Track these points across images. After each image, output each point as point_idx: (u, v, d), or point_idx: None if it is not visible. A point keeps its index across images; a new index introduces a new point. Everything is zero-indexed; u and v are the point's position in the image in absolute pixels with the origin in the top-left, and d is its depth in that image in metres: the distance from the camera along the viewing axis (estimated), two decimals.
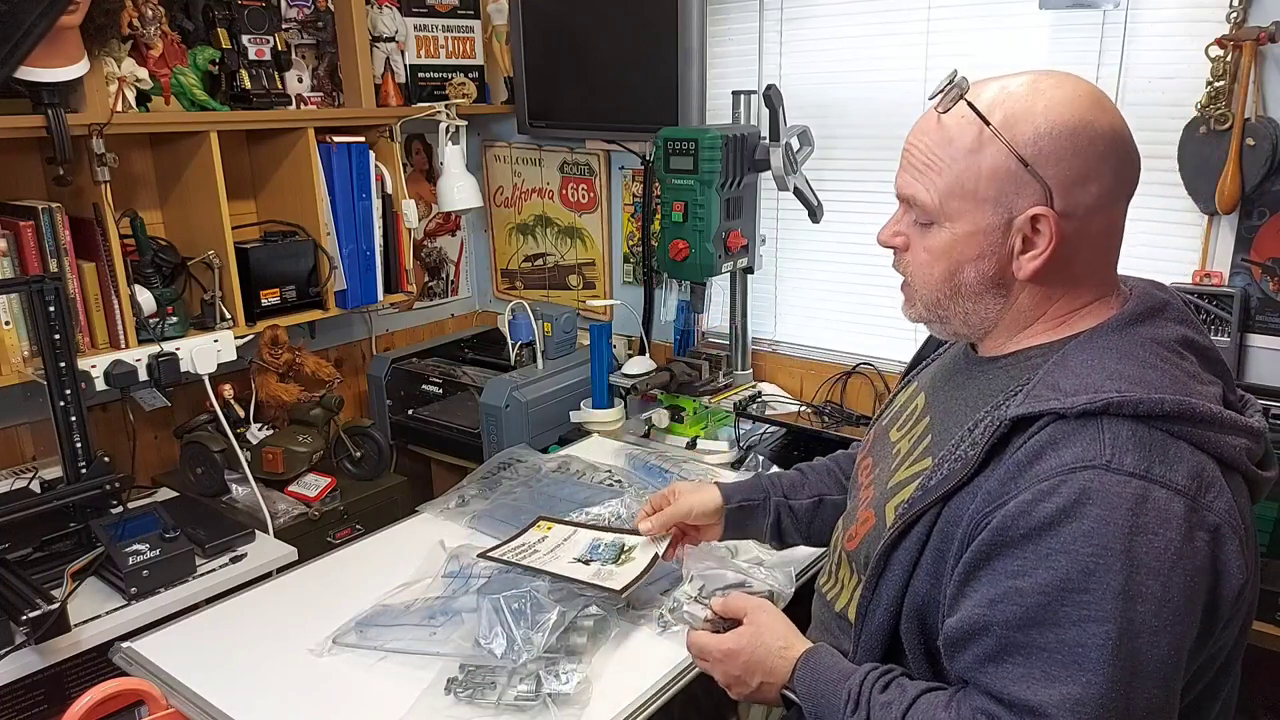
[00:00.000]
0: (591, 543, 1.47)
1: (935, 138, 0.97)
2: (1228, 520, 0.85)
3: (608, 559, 1.42)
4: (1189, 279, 1.83)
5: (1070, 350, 0.96)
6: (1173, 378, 0.90)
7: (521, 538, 1.53)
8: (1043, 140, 0.91)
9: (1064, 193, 0.92)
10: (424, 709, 1.22)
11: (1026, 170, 0.92)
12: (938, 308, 1.04)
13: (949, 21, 2.03)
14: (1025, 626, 0.85)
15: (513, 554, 1.46)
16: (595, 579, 1.36)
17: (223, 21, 2.16)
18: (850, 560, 1.13)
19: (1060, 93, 0.93)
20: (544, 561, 1.42)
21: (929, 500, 0.96)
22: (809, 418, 2.28)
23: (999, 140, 0.93)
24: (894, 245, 1.08)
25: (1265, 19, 1.66)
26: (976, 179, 0.95)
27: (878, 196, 2.22)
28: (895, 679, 1.00)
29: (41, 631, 1.48)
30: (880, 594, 1.01)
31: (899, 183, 1.03)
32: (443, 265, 2.98)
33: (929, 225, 1.00)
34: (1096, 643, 0.81)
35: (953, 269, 1.00)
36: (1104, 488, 0.83)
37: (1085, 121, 0.92)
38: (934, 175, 0.97)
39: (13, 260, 1.86)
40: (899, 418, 1.19)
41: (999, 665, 0.86)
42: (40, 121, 1.82)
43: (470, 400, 2.54)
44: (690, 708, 1.47)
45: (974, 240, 0.97)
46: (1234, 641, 0.95)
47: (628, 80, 2.38)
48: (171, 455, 2.33)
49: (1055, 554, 0.83)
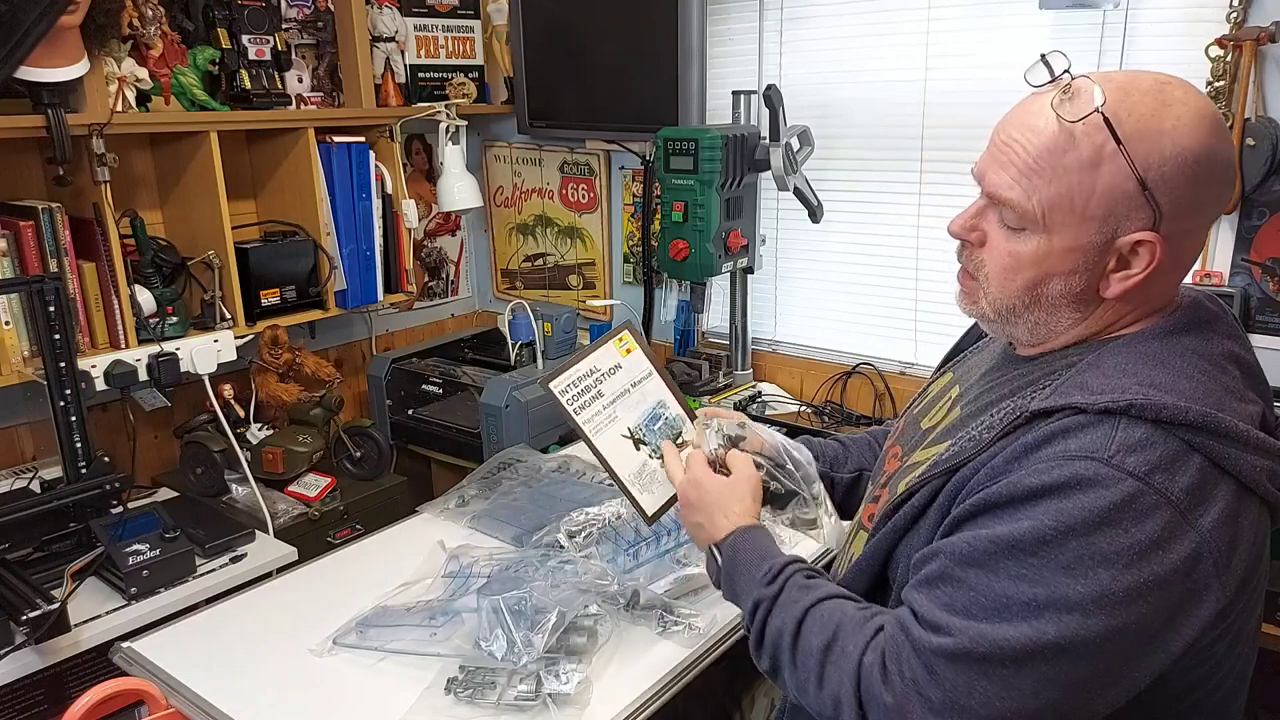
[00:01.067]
0: (654, 409, 1.33)
1: (1047, 140, 0.89)
2: (1209, 539, 0.82)
3: (658, 447, 1.30)
4: (1189, 279, 1.83)
5: (1106, 353, 0.93)
6: (1207, 390, 0.87)
7: (600, 353, 1.33)
8: (1167, 165, 0.85)
9: (1173, 219, 0.88)
10: (424, 709, 1.22)
11: (1144, 194, 0.86)
12: (1010, 313, 0.97)
13: (949, 21, 2.03)
14: (965, 563, 0.86)
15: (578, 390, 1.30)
16: (636, 483, 1.27)
17: (223, 21, 2.16)
18: (868, 536, 1.12)
19: (1188, 111, 0.87)
20: (603, 418, 1.29)
21: (936, 471, 0.96)
22: (809, 418, 2.28)
23: (1123, 159, 0.86)
24: (969, 239, 0.99)
25: (1265, 19, 1.66)
26: (1089, 195, 0.88)
27: (878, 196, 2.22)
28: (820, 578, 1.02)
29: (41, 631, 1.48)
30: (876, 546, 1.02)
31: (990, 179, 0.94)
32: (443, 265, 2.98)
33: (1019, 230, 0.93)
34: (1021, 599, 0.82)
35: (1039, 279, 0.93)
36: (1097, 479, 0.82)
37: (1209, 150, 0.87)
38: (1039, 181, 0.89)
39: (13, 260, 1.86)
40: (930, 408, 1.17)
41: (930, 589, 0.88)
42: (40, 121, 1.82)
43: (470, 400, 2.54)
44: (695, 704, 1.46)
45: (1069, 256, 0.91)
46: (1232, 670, 0.93)
47: (628, 80, 2.38)
48: (171, 455, 2.33)
49: (1023, 517, 0.83)
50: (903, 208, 2.20)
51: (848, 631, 0.93)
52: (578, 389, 1.31)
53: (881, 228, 2.25)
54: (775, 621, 0.99)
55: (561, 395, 1.29)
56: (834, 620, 0.95)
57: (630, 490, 1.27)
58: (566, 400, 1.29)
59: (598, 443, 1.28)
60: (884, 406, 2.27)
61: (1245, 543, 0.86)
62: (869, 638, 0.92)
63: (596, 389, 1.32)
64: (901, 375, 2.27)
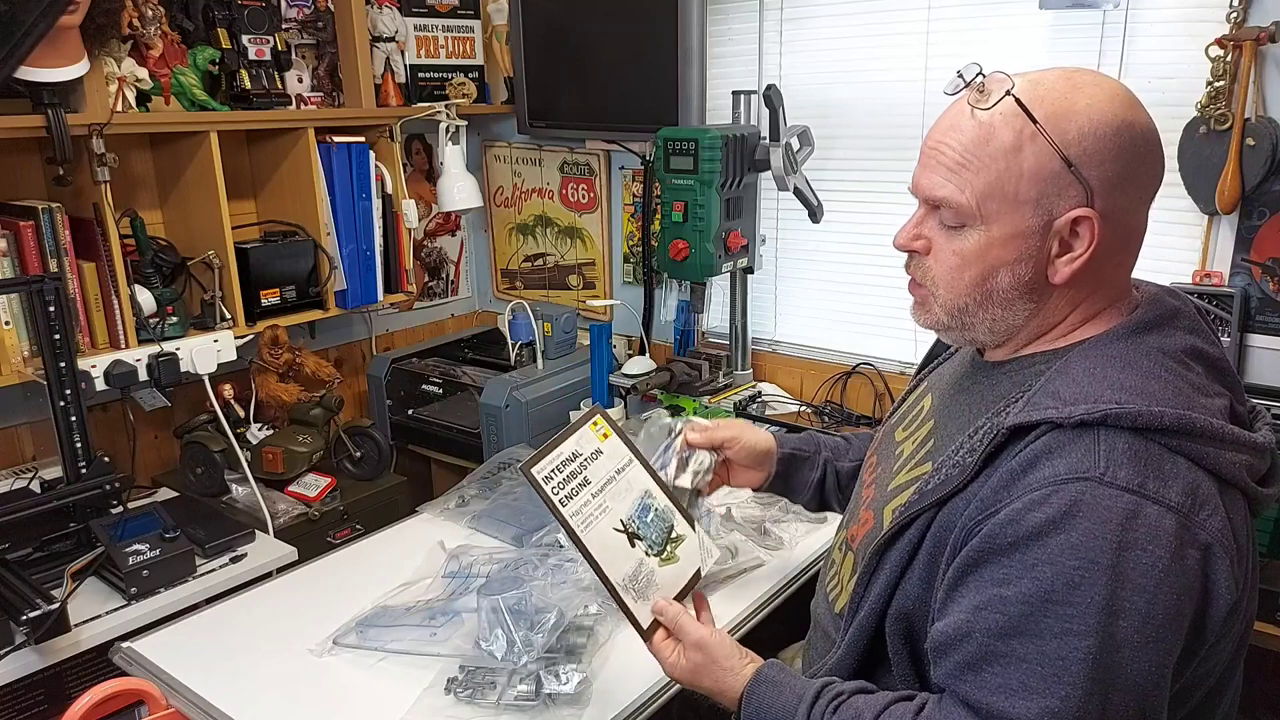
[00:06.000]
0: (642, 501, 1.20)
1: (970, 135, 0.92)
2: (1219, 539, 0.83)
3: (654, 543, 1.18)
4: (1189, 279, 1.83)
5: (1073, 357, 0.94)
6: (1176, 389, 0.88)
7: (575, 440, 1.19)
8: (1087, 140, 0.88)
9: (1105, 194, 0.90)
10: (424, 709, 1.22)
11: (1070, 171, 0.89)
12: (963, 314, 0.98)
13: (949, 21, 2.03)
14: (1006, 635, 0.84)
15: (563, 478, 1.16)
16: (630, 591, 1.12)
17: (223, 21, 2.16)
18: (854, 559, 1.12)
19: (1099, 91, 0.90)
20: (591, 514, 1.15)
21: (924, 504, 0.95)
22: (809, 418, 2.28)
23: (1043, 139, 0.89)
24: (914, 249, 1.01)
25: (1265, 19, 1.66)
26: (1018, 179, 0.90)
27: (878, 196, 2.22)
28: (845, 701, 0.96)
29: (41, 631, 1.48)
30: (870, 591, 1.00)
31: (923, 183, 0.98)
32: (443, 265, 2.98)
33: (959, 228, 0.95)
34: (1077, 656, 0.80)
35: (986, 273, 0.95)
36: (1095, 501, 0.82)
37: (1126, 121, 0.89)
38: (969, 175, 0.92)
39: (13, 260, 1.86)
40: (906, 417, 1.18)
41: (978, 674, 0.85)
42: (40, 121, 1.82)
43: (470, 400, 2.54)
44: (689, 709, 1.46)
45: (1011, 244, 0.93)
46: (1228, 662, 0.93)
47: (628, 80, 2.38)
48: (171, 455, 2.33)
49: (1041, 564, 0.82)
50: (903, 208, 2.15)
51: None
52: (561, 475, 1.14)
53: (882, 228, 2.24)
54: None
55: (545, 483, 1.12)
56: None
57: (624, 600, 1.11)
58: (551, 489, 1.11)
59: (587, 540, 1.11)
60: (884, 406, 2.27)
61: (1243, 535, 0.87)
62: None
63: (582, 475, 1.17)
64: (901, 375, 2.27)
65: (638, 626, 1.11)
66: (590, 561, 1.10)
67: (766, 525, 1.68)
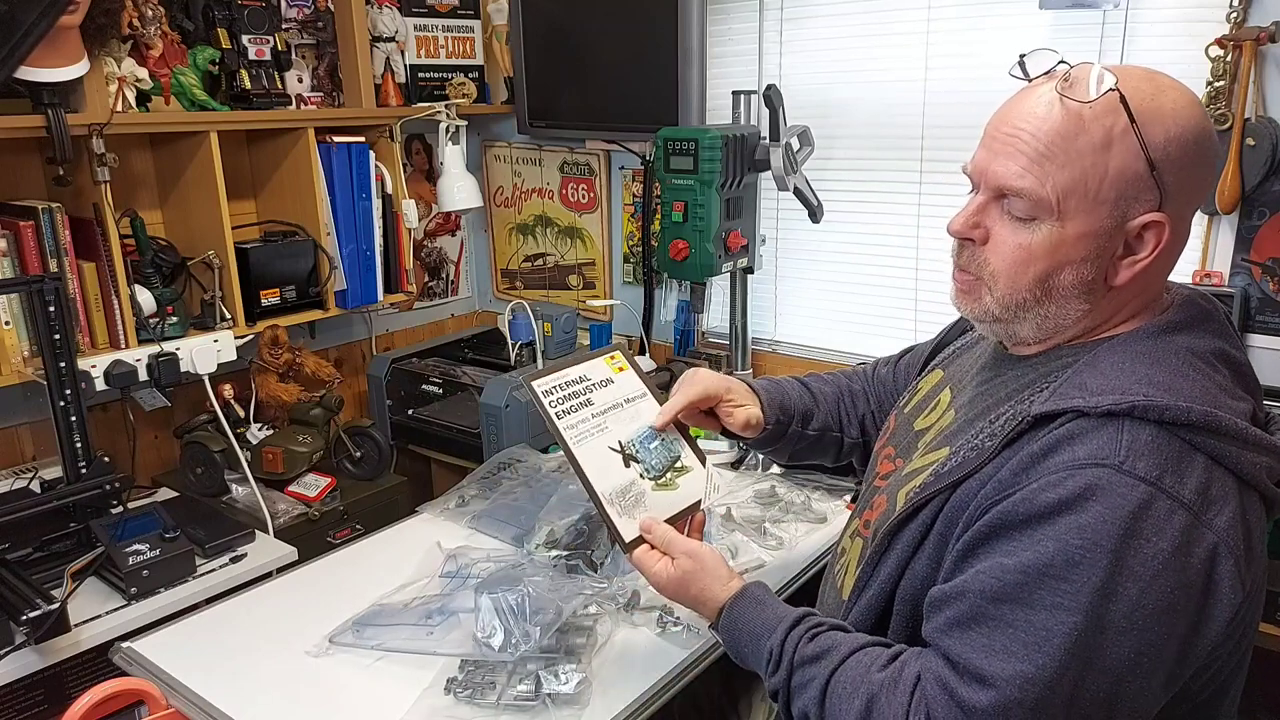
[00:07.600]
0: (648, 430, 1.21)
1: (1056, 125, 0.88)
2: (1226, 539, 0.83)
3: (652, 467, 1.18)
4: (1189, 279, 1.83)
5: (1102, 352, 0.94)
6: (1204, 389, 0.88)
7: (586, 366, 1.23)
8: (1172, 144, 0.87)
9: (1175, 199, 0.89)
10: (423, 709, 1.22)
11: (1152, 174, 0.87)
12: (1019, 309, 0.95)
13: (949, 21, 2.03)
14: (998, 600, 0.85)
15: (564, 395, 1.18)
16: (616, 504, 1.13)
17: (223, 21, 2.16)
18: (863, 544, 1.11)
19: (1181, 94, 0.89)
20: (587, 430, 1.17)
21: (939, 486, 0.95)
22: None
23: (1134, 138, 0.86)
24: (972, 237, 0.96)
25: (1265, 19, 1.66)
26: (1101, 178, 0.88)
27: (878, 196, 2.22)
28: (823, 632, 0.98)
29: (41, 631, 1.48)
30: (880, 572, 1.01)
31: (997, 170, 0.92)
32: (443, 265, 2.98)
33: (1029, 220, 0.91)
34: (1062, 630, 0.81)
35: (1051, 270, 0.92)
36: (1111, 487, 0.82)
37: (1205, 129, 0.89)
38: (1053, 167, 0.88)
39: (13, 260, 1.86)
40: (923, 408, 1.16)
41: (965, 631, 0.87)
42: (40, 121, 1.82)
43: (470, 400, 2.54)
44: (690, 708, 1.46)
45: (1081, 242, 0.90)
46: (1233, 663, 0.93)
47: (628, 80, 2.38)
48: (171, 455, 2.33)
49: (1046, 539, 0.83)
50: (903, 207, 2.20)
51: (881, 699, 0.90)
52: (563, 393, 1.18)
53: (882, 227, 2.24)
54: (798, 705, 0.97)
55: (544, 396, 1.15)
56: (860, 687, 0.92)
57: (608, 511, 1.11)
58: (550, 402, 1.15)
59: (577, 452, 1.13)
60: None
61: (1256, 539, 0.87)
62: (906, 701, 0.89)
63: (585, 396, 1.19)
64: None
65: (619, 538, 1.11)
66: (576, 468, 1.13)
67: (766, 525, 1.68)
